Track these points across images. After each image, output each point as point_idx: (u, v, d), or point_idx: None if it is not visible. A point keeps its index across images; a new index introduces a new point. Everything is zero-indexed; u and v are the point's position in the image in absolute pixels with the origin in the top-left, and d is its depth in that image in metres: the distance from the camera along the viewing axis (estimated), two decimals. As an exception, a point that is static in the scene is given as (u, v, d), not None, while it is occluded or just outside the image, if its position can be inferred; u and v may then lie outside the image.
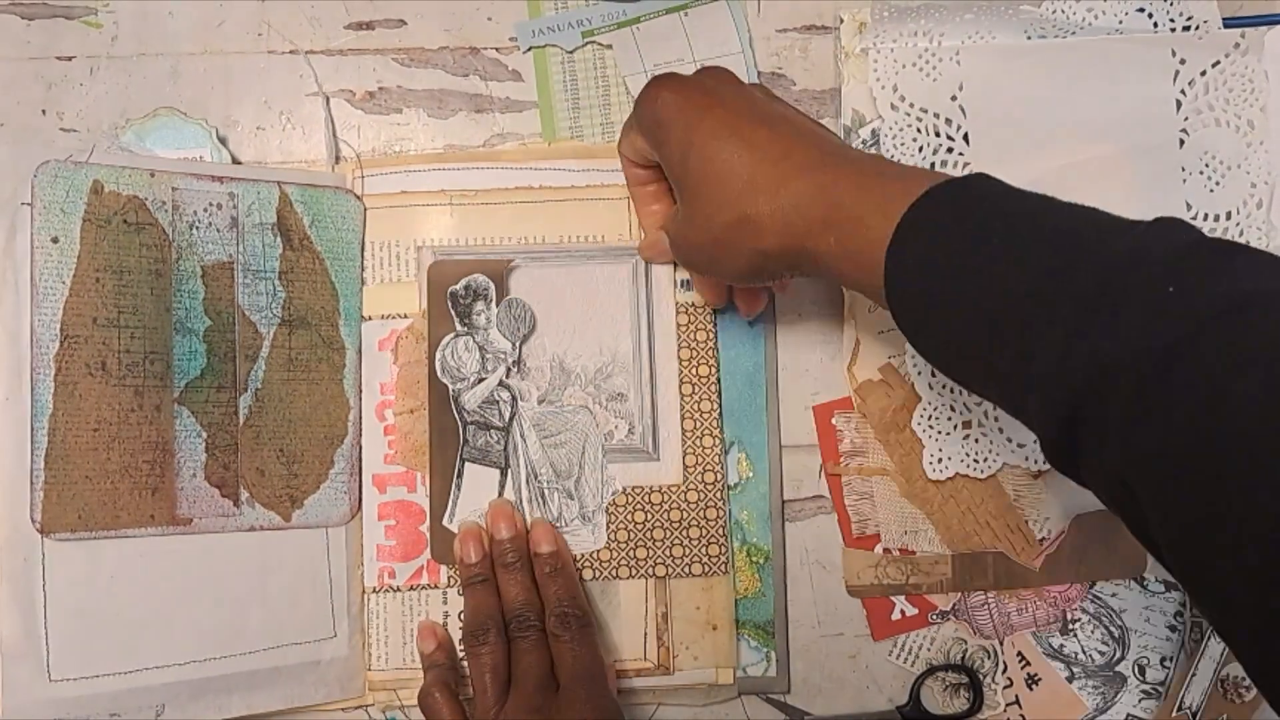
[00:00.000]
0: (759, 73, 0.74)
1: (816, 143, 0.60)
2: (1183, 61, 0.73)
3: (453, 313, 0.72)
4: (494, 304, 0.72)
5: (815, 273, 0.60)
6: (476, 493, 0.72)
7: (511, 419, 0.72)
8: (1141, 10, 0.73)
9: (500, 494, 0.72)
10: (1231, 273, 0.46)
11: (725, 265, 0.63)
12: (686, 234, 0.63)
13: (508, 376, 0.72)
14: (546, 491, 0.71)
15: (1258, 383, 0.41)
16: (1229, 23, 0.73)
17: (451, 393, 0.71)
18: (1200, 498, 0.42)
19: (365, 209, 0.72)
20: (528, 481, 0.71)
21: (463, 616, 0.70)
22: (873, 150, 0.73)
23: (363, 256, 0.72)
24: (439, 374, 0.71)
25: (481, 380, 0.72)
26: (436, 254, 0.72)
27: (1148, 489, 0.45)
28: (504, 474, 0.72)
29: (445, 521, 0.71)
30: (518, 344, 0.72)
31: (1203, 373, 0.43)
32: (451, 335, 0.72)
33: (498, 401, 0.72)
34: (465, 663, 0.68)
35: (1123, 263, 0.47)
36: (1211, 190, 0.73)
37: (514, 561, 0.69)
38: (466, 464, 0.71)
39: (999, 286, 0.50)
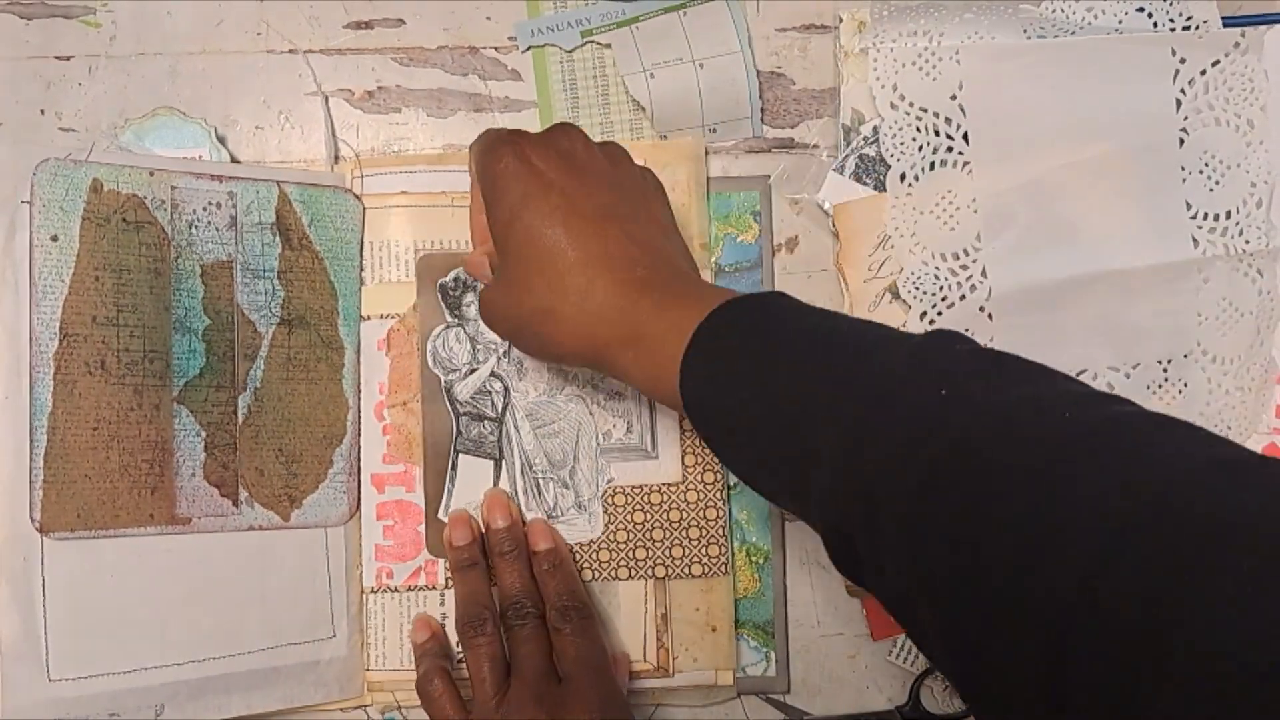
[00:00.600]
0: (759, 72, 0.74)
1: (634, 254, 0.60)
2: (1182, 61, 0.73)
3: (443, 304, 0.72)
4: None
5: (614, 376, 0.61)
6: (471, 484, 0.71)
7: (505, 410, 0.72)
8: (1141, 10, 0.73)
9: (495, 484, 0.71)
10: (999, 380, 0.48)
11: (522, 344, 0.64)
12: (494, 298, 0.63)
13: (499, 366, 0.72)
14: (541, 481, 0.71)
15: (1022, 488, 0.43)
16: (1228, 22, 0.73)
17: (443, 384, 0.71)
18: (973, 611, 0.43)
19: (364, 209, 0.72)
20: (522, 472, 0.71)
21: (455, 606, 0.69)
22: (873, 148, 0.73)
23: (362, 256, 0.72)
24: (430, 366, 0.71)
25: (473, 371, 0.71)
26: (430, 257, 0.72)
27: (925, 603, 0.46)
28: (498, 465, 0.72)
29: (440, 514, 0.71)
30: None
31: (966, 487, 0.44)
32: (442, 326, 0.72)
33: (490, 392, 0.71)
34: (461, 654, 0.68)
35: (898, 372, 0.49)
36: (1211, 190, 0.73)
37: (510, 550, 0.69)
38: (460, 455, 0.71)
39: (780, 397, 0.53)
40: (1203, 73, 0.73)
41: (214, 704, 0.67)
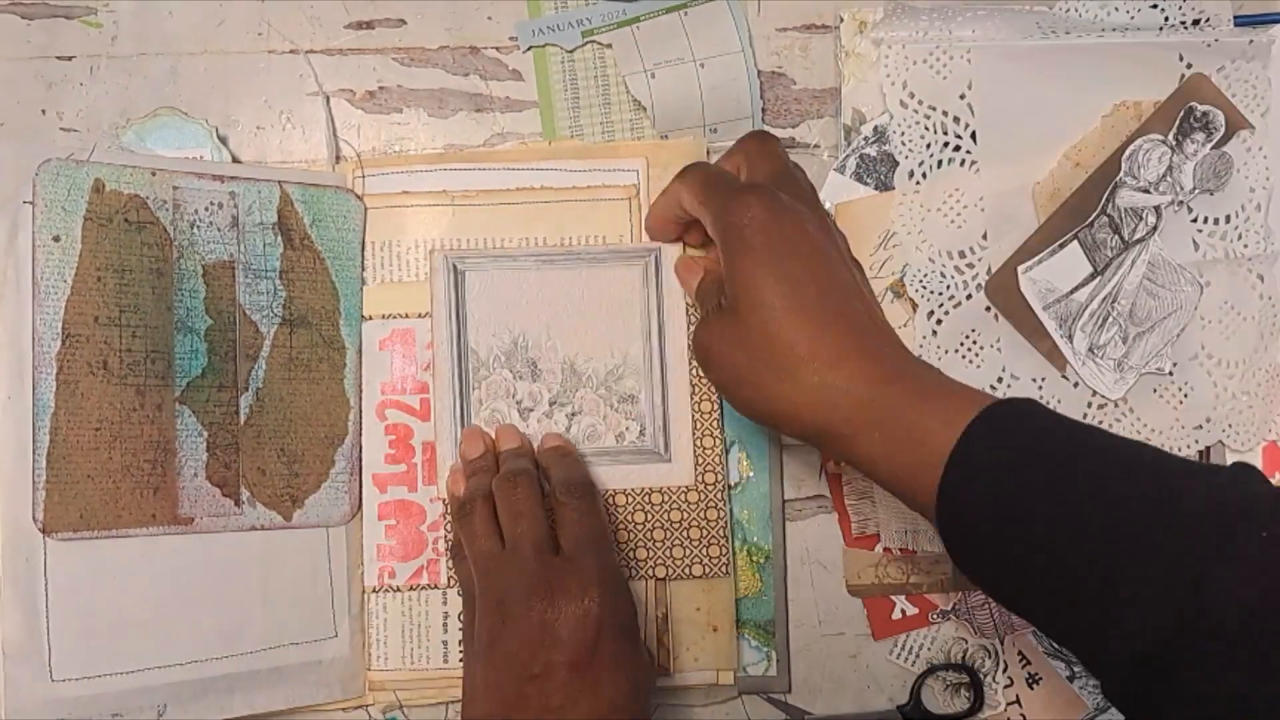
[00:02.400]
0: (759, 72, 0.74)
1: (880, 334, 0.60)
2: (1189, 66, 0.73)
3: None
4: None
5: (842, 458, 0.60)
6: None
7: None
8: (1154, 6, 0.73)
9: None
10: None
11: (739, 399, 0.63)
12: (719, 344, 0.62)
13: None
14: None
15: None
16: (1240, 20, 0.73)
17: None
18: None
19: (366, 209, 0.72)
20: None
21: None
22: (875, 148, 0.73)
23: (363, 256, 0.72)
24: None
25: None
26: (450, 256, 0.71)
27: None
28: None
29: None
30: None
31: None
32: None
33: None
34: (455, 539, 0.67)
35: (1216, 510, 0.49)
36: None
37: (513, 457, 0.68)
38: None
39: (1071, 532, 0.51)
40: (1208, 77, 0.73)
41: (216, 704, 0.67)
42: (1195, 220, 0.73)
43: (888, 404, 0.56)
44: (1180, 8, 0.73)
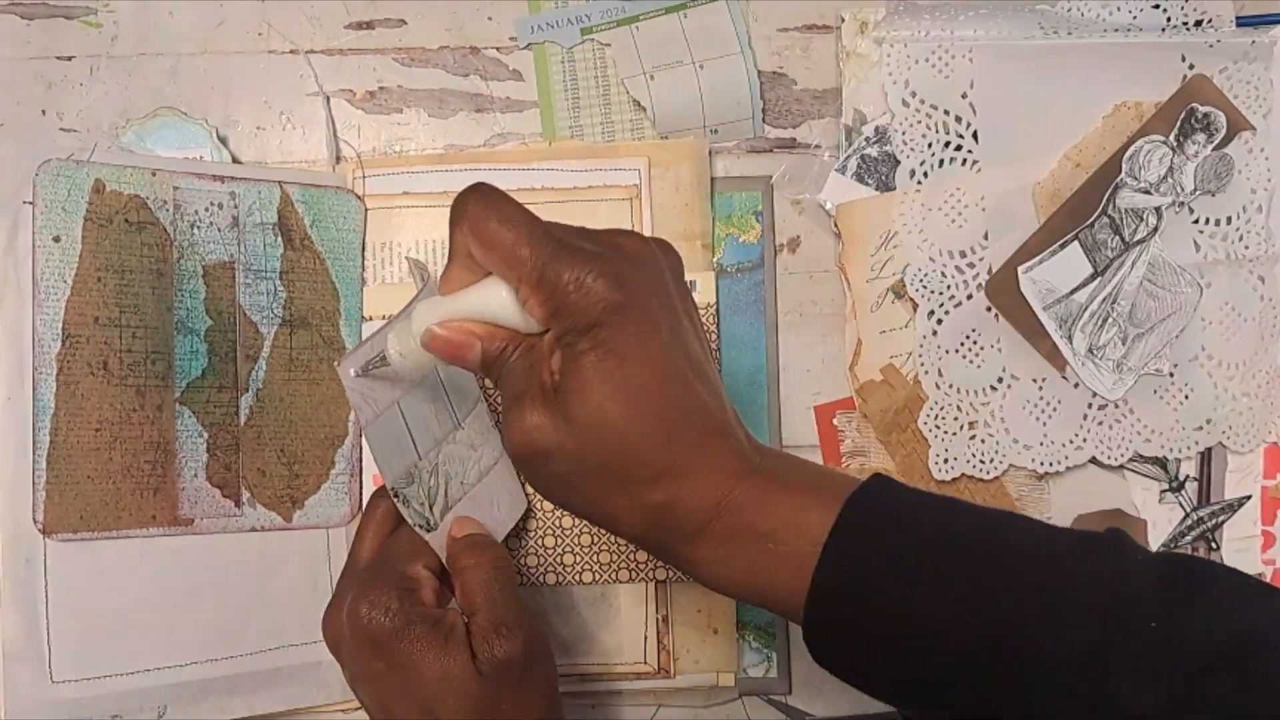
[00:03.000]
0: (760, 72, 0.74)
1: (727, 429, 0.52)
2: (1191, 66, 0.73)
3: None
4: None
5: (678, 567, 0.53)
6: None
7: None
8: (1157, 7, 0.73)
9: None
10: (1215, 609, 0.47)
11: (571, 501, 0.53)
12: (544, 438, 0.50)
13: None
14: None
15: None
16: (1242, 21, 0.73)
17: None
18: None
19: (366, 209, 0.72)
20: None
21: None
22: (876, 149, 0.73)
23: (364, 257, 0.72)
24: None
25: None
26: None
27: None
28: None
29: None
30: None
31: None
32: None
33: None
34: None
35: (1107, 605, 0.47)
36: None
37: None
38: None
39: (957, 638, 0.48)
40: (1210, 79, 0.73)
41: (216, 705, 0.67)
42: (1196, 221, 0.73)
43: (740, 518, 0.50)
44: (1182, 8, 0.73)
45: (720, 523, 0.50)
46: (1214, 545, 0.74)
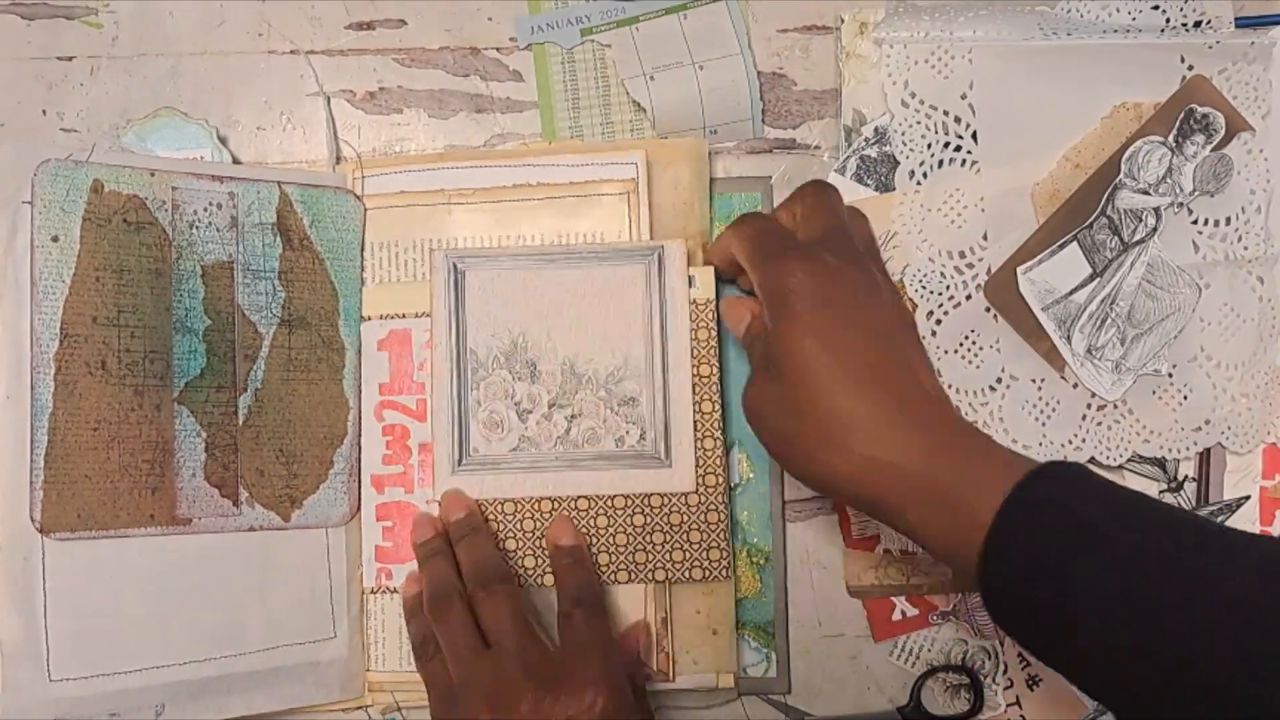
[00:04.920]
0: (760, 73, 0.74)
1: (923, 401, 0.59)
2: (1190, 68, 0.73)
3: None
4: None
5: (891, 526, 0.59)
6: None
7: None
8: (1156, 8, 0.73)
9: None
10: None
11: (790, 463, 0.62)
12: (766, 405, 0.62)
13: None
14: None
15: None
16: (1241, 22, 0.73)
17: None
18: None
19: (365, 209, 0.72)
20: None
21: (424, 594, 0.67)
22: (875, 149, 0.73)
23: (362, 257, 0.72)
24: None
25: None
26: (450, 256, 0.71)
27: None
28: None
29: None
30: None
31: None
32: None
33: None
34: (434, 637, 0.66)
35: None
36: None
37: (468, 533, 0.68)
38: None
39: (1123, 607, 0.50)
40: (1209, 80, 0.73)
41: (214, 704, 0.67)
42: (1195, 222, 0.73)
43: (933, 478, 0.56)
44: (1181, 9, 0.73)
45: (919, 491, 0.56)
46: (1212, 546, 0.74)
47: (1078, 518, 0.52)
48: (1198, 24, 0.73)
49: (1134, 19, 0.73)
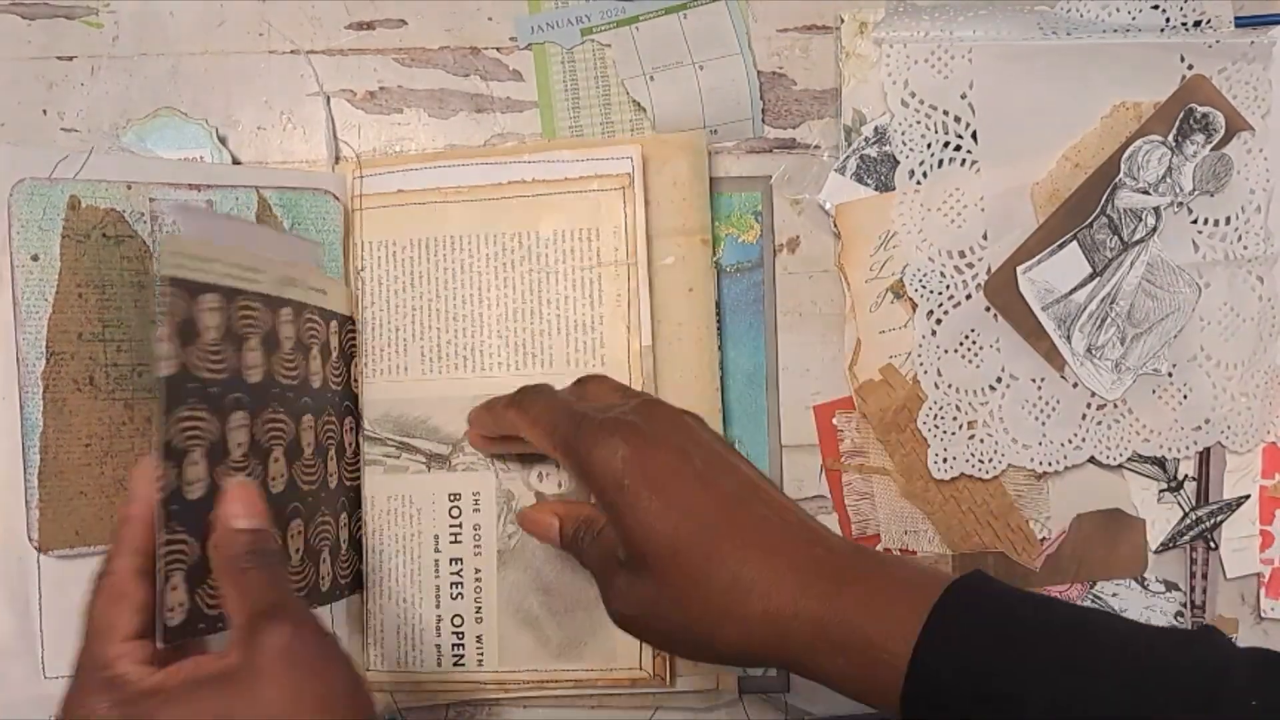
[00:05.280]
0: (760, 72, 0.74)
1: (800, 532, 0.54)
2: (1190, 67, 0.73)
3: None
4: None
5: (806, 676, 0.53)
6: None
7: None
8: (1155, 7, 0.73)
9: None
10: None
11: (681, 650, 0.57)
12: (637, 606, 0.55)
13: None
14: None
15: None
16: (1240, 21, 0.73)
17: None
18: None
19: (346, 209, 0.71)
20: None
21: None
22: (875, 149, 0.73)
23: (346, 256, 0.71)
24: None
25: None
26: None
27: None
28: None
29: None
30: None
31: None
32: None
33: None
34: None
35: (1207, 690, 0.47)
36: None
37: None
38: None
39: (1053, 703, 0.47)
40: (1209, 79, 0.73)
41: (214, 704, 0.67)
42: (1195, 221, 0.73)
43: (838, 621, 0.51)
44: (1181, 9, 0.73)
45: (830, 637, 0.51)
46: (1213, 545, 0.74)
47: (997, 647, 0.49)
48: (1197, 23, 0.73)
49: (1134, 18, 0.73)
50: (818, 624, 0.51)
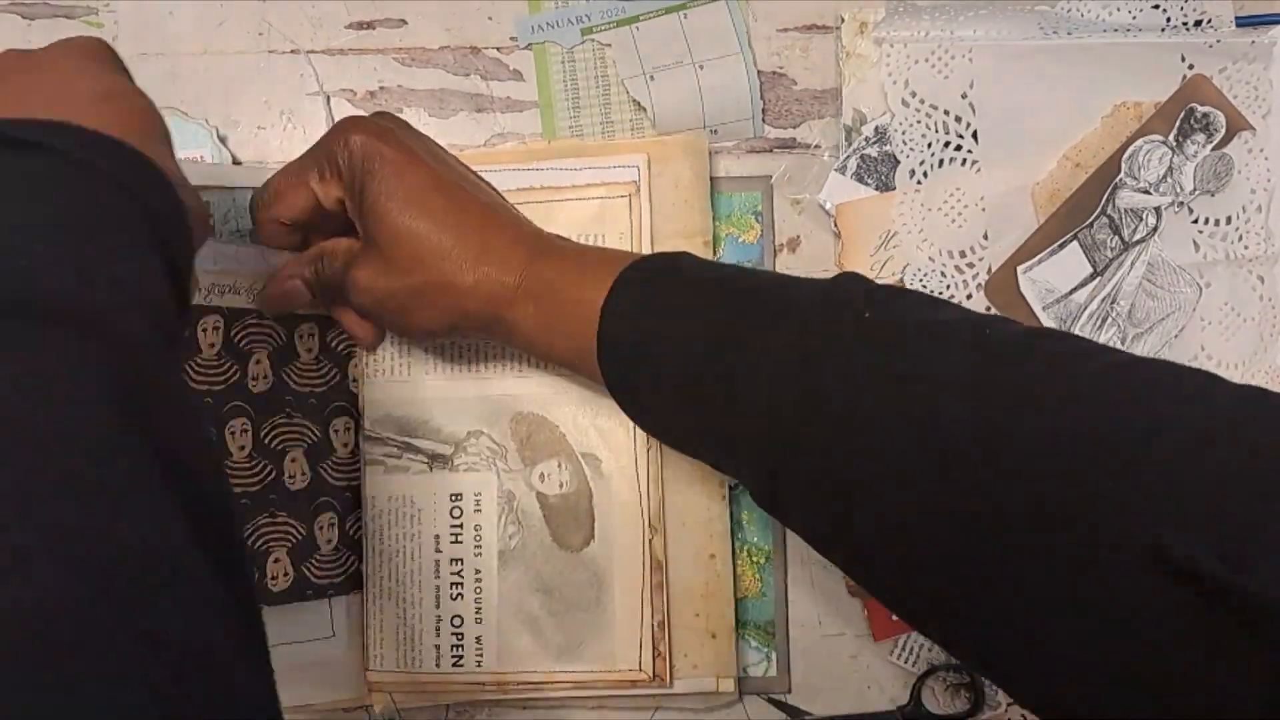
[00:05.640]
0: (760, 72, 0.74)
1: (511, 214, 0.65)
2: (1190, 67, 0.73)
3: None
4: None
5: (505, 338, 0.64)
6: None
7: None
8: (1156, 7, 0.73)
9: None
10: (909, 302, 0.54)
11: (408, 320, 0.64)
12: (371, 279, 0.62)
13: None
14: None
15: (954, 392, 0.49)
16: (1241, 21, 0.73)
17: None
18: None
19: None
20: None
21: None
22: (875, 149, 0.73)
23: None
24: None
25: None
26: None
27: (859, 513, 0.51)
28: None
29: None
30: None
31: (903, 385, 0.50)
32: None
33: None
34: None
35: (821, 304, 0.54)
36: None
37: None
38: None
39: (705, 339, 0.56)
40: (1210, 79, 0.73)
41: (214, 704, 0.67)
42: (1196, 221, 0.73)
43: (540, 278, 0.60)
44: (1182, 9, 0.73)
45: (529, 291, 0.60)
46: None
47: (672, 289, 0.59)
48: (1198, 23, 0.73)
49: (1134, 18, 0.73)
50: (521, 279, 0.61)
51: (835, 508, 0.52)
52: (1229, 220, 0.73)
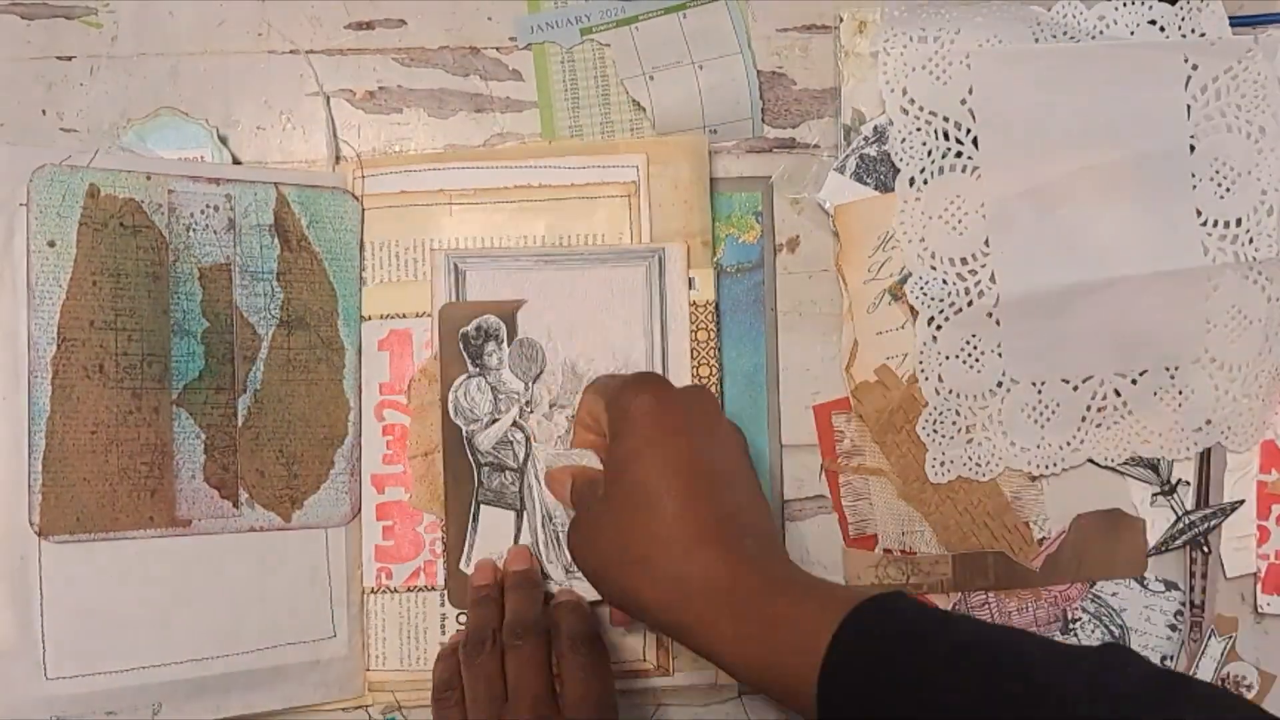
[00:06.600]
0: (759, 72, 0.74)
1: (744, 524, 0.58)
2: (1194, 67, 0.72)
3: (464, 354, 0.71)
4: (505, 344, 0.71)
5: (695, 646, 0.56)
6: (492, 535, 0.71)
7: (526, 460, 0.71)
8: (1153, 23, 0.73)
9: (516, 537, 0.71)
10: (1182, 707, 0.46)
11: (605, 588, 0.60)
12: (588, 533, 0.60)
13: (520, 417, 0.71)
14: (561, 534, 0.71)
15: None
16: (1236, 22, 0.73)
17: (465, 434, 0.71)
18: None
19: (363, 209, 0.72)
20: (543, 524, 0.71)
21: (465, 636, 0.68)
22: (875, 148, 0.73)
23: (361, 256, 0.72)
24: (452, 416, 0.71)
25: (495, 421, 0.71)
26: (450, 256, 0.71)
27: None
28: (519, 515, 0.71)
29: (461, 565, 0.71)
30: (530, 383, 0.71)
31: None
32: (464, 376, 0.71)
33: (511, 442, 0.71)
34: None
35: (1082, 696, 0.47)
36: (1222, 197, 0.72)
37: (523, 585, 0.68)
38: (482, 506, 0.71)
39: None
40: (1215, 79, 0.72)
41: (212, 703, 0.68)
42: (1205, 224, 0.72)
43: (745, 596, 0.54)
44: (1179, 26, 0.73)
45: (727, 607, 0.54)
46: (1206, 549, 0.74)
47: (910, 651, 0.51)
48: (1196, 33, 0.73)
49: (1132, 33, 0.73)
50: (721, 594, 0.55)
51: None
52: (1239, 222, 0.72)
